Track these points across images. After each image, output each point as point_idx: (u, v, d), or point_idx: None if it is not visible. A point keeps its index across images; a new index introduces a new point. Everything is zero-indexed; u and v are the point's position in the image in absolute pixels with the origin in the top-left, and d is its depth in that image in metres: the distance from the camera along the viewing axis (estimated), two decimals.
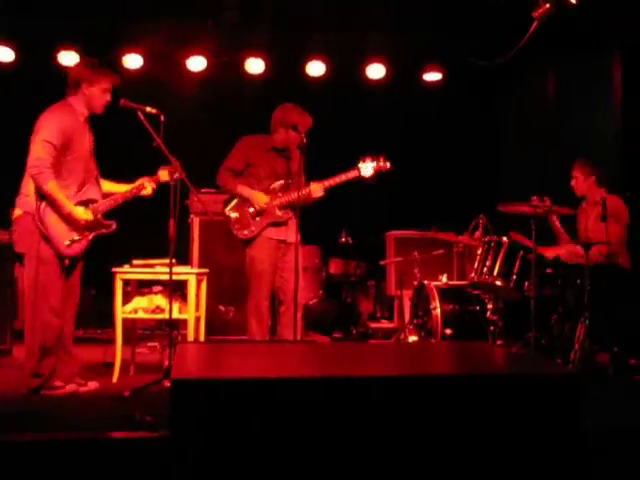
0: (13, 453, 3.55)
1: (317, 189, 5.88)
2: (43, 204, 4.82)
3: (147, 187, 5.31)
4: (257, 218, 5.84)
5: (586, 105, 7.36)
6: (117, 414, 4.25)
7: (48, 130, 4.86)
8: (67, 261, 4.97)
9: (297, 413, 2.91)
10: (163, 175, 5.31)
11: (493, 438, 3.04)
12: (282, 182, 5.90)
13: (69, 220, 4.94)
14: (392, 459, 2.95)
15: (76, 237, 4.96)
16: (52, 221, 4.87)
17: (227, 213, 5.90)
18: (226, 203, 5.93)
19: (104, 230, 5.13)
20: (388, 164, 5.99)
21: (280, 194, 5.88)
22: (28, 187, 4.90)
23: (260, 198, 5.84)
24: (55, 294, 4.91)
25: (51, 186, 4.82)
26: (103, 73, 5.10)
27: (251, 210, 5.85)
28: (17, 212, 4.95)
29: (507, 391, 3.09)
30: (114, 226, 5.16)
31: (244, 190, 5.85)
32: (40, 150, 4.81)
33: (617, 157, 6.84)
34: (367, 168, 5.92)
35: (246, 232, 5.84)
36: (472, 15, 7.56)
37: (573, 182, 6.28)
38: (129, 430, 3.83)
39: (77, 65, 5.24)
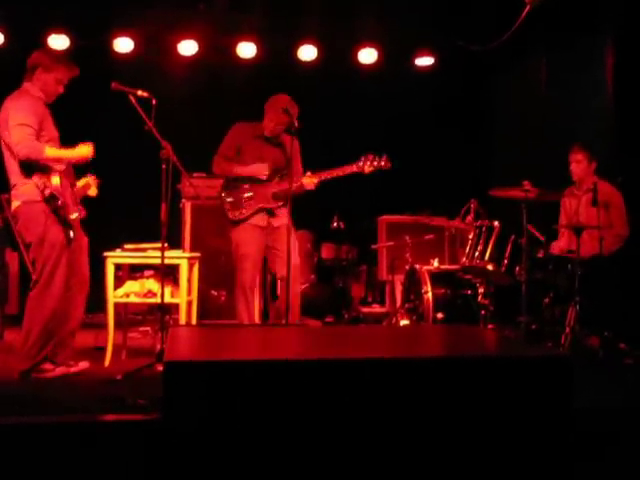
0: (3, 436, 3.55)
1: (310, 182, 5.91)
2: (58, 176, 4.84)
3: (92, 187, 5.31)
4: (250, 202, 5.86)
5: (578, 90, 7.34)
6: (109, 397, 4.25)
7: (19, 114, 4.84)
8: (72, 233, 4.98)
9: (290, 395, 2.92)
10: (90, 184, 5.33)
11: (484, 420, 3.05)
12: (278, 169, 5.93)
13: (74, 192, 5.02)
14: (384, 441, 2.97)
15: (76, 213, 5.01)
16: (65, 192, 4.92)
17: (223, 197, 5.93)
18: (223, 187, 5.97)
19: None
20: (389, 164, 5.95)
21: (276, 181, 5.91)
22: (17, 177, 4.90)
23: (260, 168, 5.88)
24: (62, 278, 4.92)
25: (48, 151, 4.85)
26: (62, 63, 5.10)
27: (246, 195, 5.87)
28: (15, 204, 4.95)
29: (498, 374, 3.11)
30: (83, 213, 5.18)
31: (242, 169, 5.90)
32: (19, 133, 4.79)
33: (609, 142, 6.83)
34: (367, 166, 5.89)
35: (237, 213, 5.86)
36: None
37: (574, 165, 6.22)
38: (122, 413, 3.83)
39: (37, 51, 5.21)
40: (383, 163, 5.92)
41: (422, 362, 3.09)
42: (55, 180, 4.85)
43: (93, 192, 5.31)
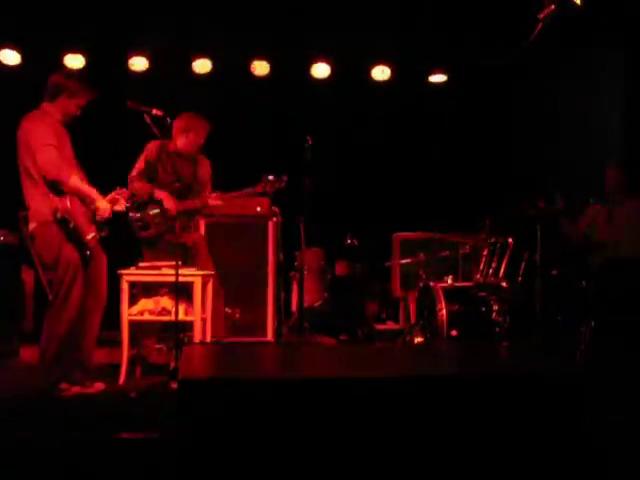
0: (19, 453, 3.56)
1: (214, 200, 6.05)
2: (67, 200, 4.86)
3: (119, 201, 5.26)
4: (157, 220, 5.91)
5: (593, 104, 7.35)
6: (124, 415, 4.26)
7: (41, 135, 4.88)
8: (87, 252, 5.01)
9: (305, 414, 2.91)
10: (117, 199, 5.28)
11: (499, 437, 3.04)
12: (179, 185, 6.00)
13: (90, 210, 5.02)
14: (399, 458, 2.96)
15: (92, 233, 5.01)
16: (78, 214, 4.93)
17: (130, 214, 5.89)
18: (131, 205, 5.90)
19: (102, 234, 5.17)
20: (284, 184, 5.98)
21: (181, 200, 5.99)
22: (32, 199, 4.95)
23: (169, 201, 5.91)
24: (77, 297, 4.95)
25: (74, 179, 4.91)
26: (86, 89, 5.13)
27: (153, 212, 5.92)
28: (32, 225, 4.99)
29: (513, 391, 3.10)
30: (107, 232, 5.20)
31: (156, 193, 5.93)
32: (45, 154, 4.83)
33: (621, 151, 6.84)
34: (269, 187, 5.95)
35: (146, 233, 5.94)
36: (477, 15, 7.57)
37: (609, 176, 6.33)
38: (135, 431, 3.83)
39: (62, 74, 5.24)
40: (282, 184, 5.94)
41: (436, 380, 3.08)
42: (66, 203, 4.87)
43: (120, 206, 5.26)
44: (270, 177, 5.92)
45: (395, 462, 2.95)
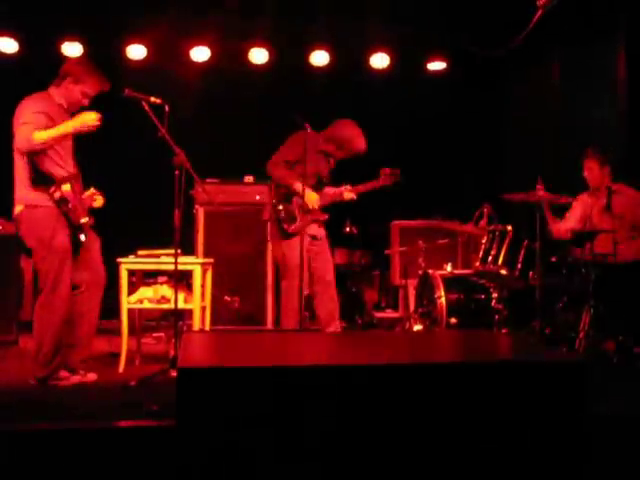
0: (19, 442, 3.56)
1: (349, 195, 6.22)
2: (64, 184, 4.83)
3: (97, 199, 5.21)
4: (303, 214, 5.98)
5: (592, 93, 7.33)
6: (124, 403, 4.27)
7: (27, 114, 4.82)
8: (82, 236, 5.00)
9: (303, 401, 2.91)
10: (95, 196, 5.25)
11: (498, 425, 3.04)
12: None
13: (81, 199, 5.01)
14: (399, 446, 2.96)
15: (86, 218, 5.01)
16: (75, 197, 4.92)
17: (276, 206, 6.00)
18: (277, 195, 6.05)
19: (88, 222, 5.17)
20: (397, 177, 6.27)
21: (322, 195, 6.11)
22: (23, 182, 4.90)
23: (313, 198, 6.01)
24: (67, 283, 4.93)
25: (37, 136, 4.76)
26: (93, 77, 5.09)
27: (299, 205, 5.98)
28: (18, 208, 4.93)
29: (512, 379, 3.10)
30: (92, 220, 5.18)
31: (299, 187, 5.93)
32: (23, 132, 4.77)
33: (621, 145, 6.80)
34: (389, 179, 6.23)
35: (293, 227, 5.96)
36: (476, 3, 7.54)
37: (587, 173, 6.15)
38: (136, 419, 3.84)
39: (73, 59, 5.23)
40: (397, 177, 6.22)
41: (435, 368, 3.08)
42: (66, 187, 4.84)
43: (99, 203, 5.22)
44: (387, 170, 6.17)
45: (396, 450, 2.95)
